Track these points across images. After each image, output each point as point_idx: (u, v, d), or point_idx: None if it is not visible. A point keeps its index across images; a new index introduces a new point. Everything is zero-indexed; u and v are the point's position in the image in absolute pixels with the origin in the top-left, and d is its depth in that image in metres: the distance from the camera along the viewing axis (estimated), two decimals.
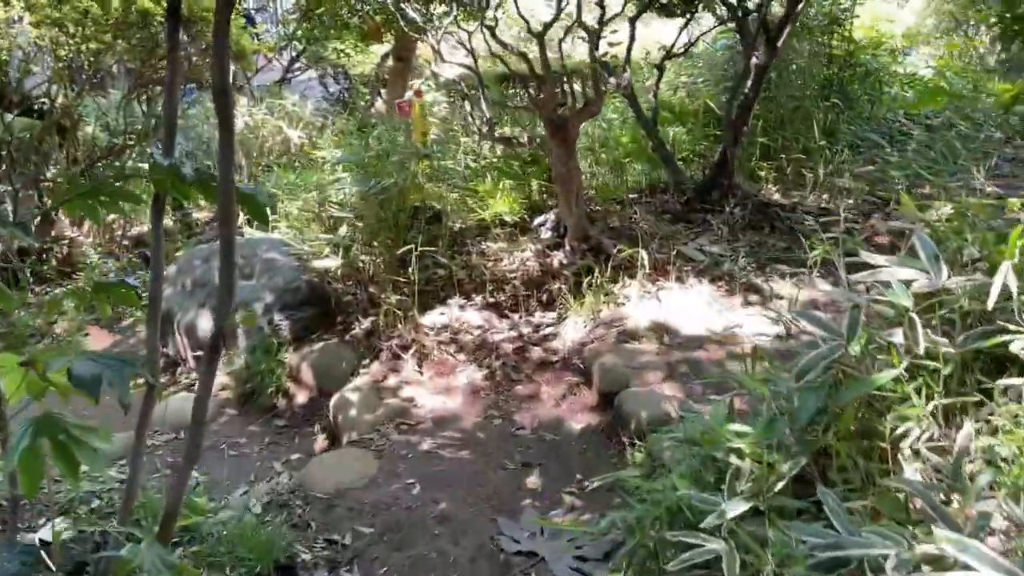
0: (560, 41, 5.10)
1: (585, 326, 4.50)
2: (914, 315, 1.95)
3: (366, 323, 4.72)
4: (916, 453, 1.88)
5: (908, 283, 2.02)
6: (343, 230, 4.65)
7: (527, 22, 4.70)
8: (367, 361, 4.50)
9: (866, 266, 2.23)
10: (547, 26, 4.60)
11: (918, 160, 5.72)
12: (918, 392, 1.95)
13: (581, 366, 4.19)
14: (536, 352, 4.45)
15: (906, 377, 1.97)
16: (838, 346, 1.97)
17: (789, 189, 5.85)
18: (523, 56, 4.74)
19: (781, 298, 4.52)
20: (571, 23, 5.30)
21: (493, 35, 4.66)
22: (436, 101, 11.15)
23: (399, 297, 4.73)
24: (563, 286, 4.80)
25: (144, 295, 1.50)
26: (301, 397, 4.49)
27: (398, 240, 4.95)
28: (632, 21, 5.67)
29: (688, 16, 6.42)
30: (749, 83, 5.32)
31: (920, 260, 2.06)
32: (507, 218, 5.13)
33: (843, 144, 6.52)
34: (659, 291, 4.66)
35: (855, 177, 6.02)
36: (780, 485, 1.88)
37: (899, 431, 1.91)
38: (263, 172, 8.84)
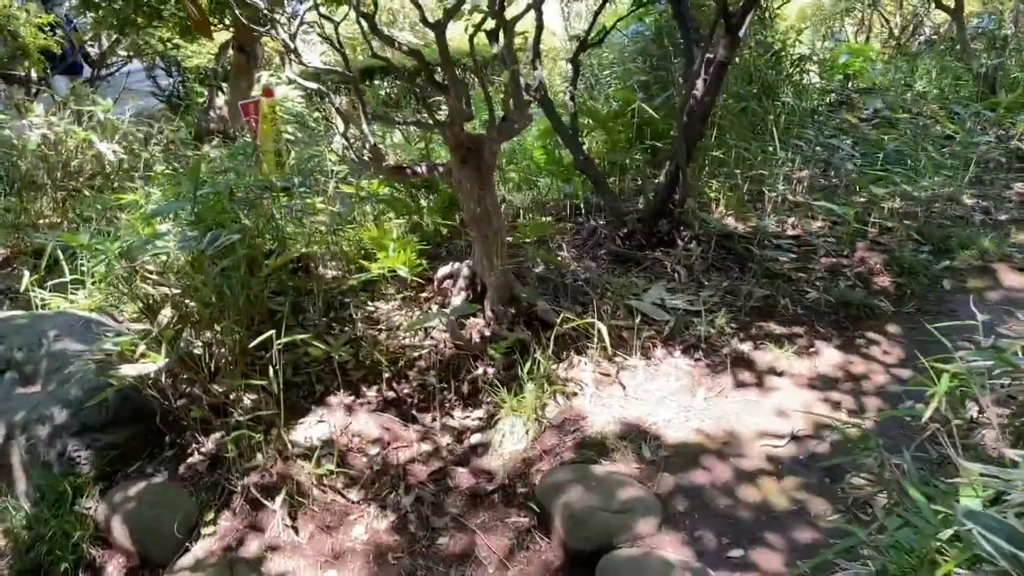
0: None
1: (527, 431, 3.32)
2: None
3: (209, 445, 3.35)
4: None
5: None
6: (166, 312, 3.24)
7: (420, 7, 3.44)
8: (213, 510, 3.13)
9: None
10: (450, 12, 3.36)
11: (895, 169, 4.91)
12: None
13: (530, 499, 3.02)
14: (462, 476, 3.23)
15: None
16: None
17: (745, 213, 4.89)
18: (416, 56, 3.49)
19: (780, 374, 3.52)
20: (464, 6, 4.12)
21: (373, 27, 3.37)
22: (288, 97, 9.63)
23: (257, 398, 3.40)
24: (488, 370, 3.60)
25: None
26: (115, 572, 3.09)
27: (251, 315, 3.59)
28: (537, 4, 4.52)
29: None
30: (700, 84, 4.29)
31: None
32: (403, 272, 3.86)
33: (795, 151, 5.67)
34: (620, 372, 3.55)
35: (819, 192, 5.17)
36: None
37: None
38: (70, 198, 7.12)
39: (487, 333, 3.75)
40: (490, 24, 4.81)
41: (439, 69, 3.62)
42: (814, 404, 3.32)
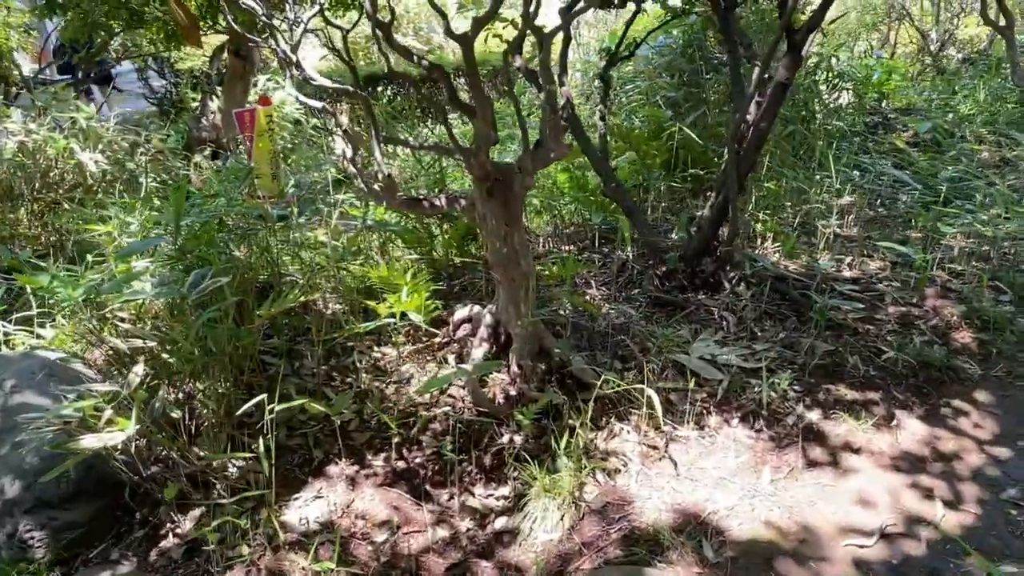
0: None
1: (563, 517, 2.84)
2: None
3: (186, 525, 2.87)
4: None
5: None
6: (138, 369, 2.75)
7: (445, 17, 2.97)
8: None
9: None
10: (481, 22, 2.89)
11: (957, 201, 4.44)
12: None
13: None
14: (486, 573, 2.75)
15: None
16: None
17: (797, 250, 4.42)
18: (438, 72, 3.01)
19: (858, 451, 3.05)
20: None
21: (389, 38, 2.90)
22: (285, 102, 9.15)
23: (244, 465, 2.93)
24: (515, 438, 3.13)
25: None
26: None
27: (238, 367, 3.12)
28: (567, 13, 4.07)
29: (637, 8, 4.95)
30: (754, 108, 3.83)
31: None
32: (415, 318, 3.38)
33: (842, 178, 5.21)
34: (670, 444, 3.07)
35: (876, 227, 4.71)
36: None
37: None
38: (48, 211, 6.63)
39: (513, 393, 3.28)
40: (499, 29, 4.38)
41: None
42: (901, 490, 2.85)
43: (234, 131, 7.42)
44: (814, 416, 3.20)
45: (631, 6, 4.99)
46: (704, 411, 3.22)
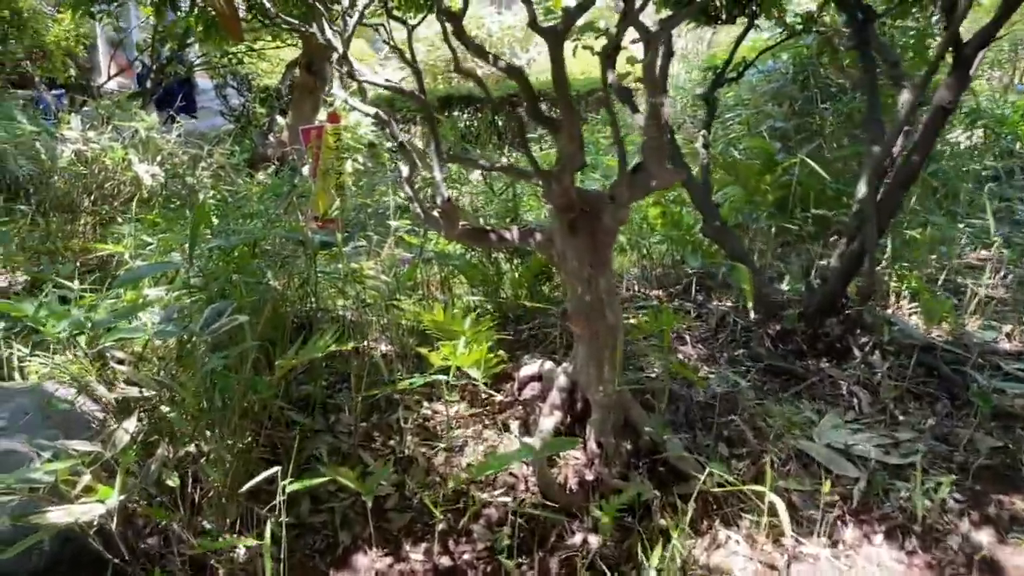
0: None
1: None
2: None
3: None
4: None
5: None
6: (129, 426, 2.23)
7: (531, 5, 2.42)
8: None
9: None
10: (575, 13, 2.32)
11: None
12: None
13: None
14: None
15: None
16: None
17: (947, 314, 3.66)
18: (517, 77, 2.46)
19: None
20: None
21: (461, 33, 2.36)
22: (359, 123, 8.75)
23: (255, 545, 2.37)
24: (591, 538, 2.48)
25: None
26: None
27: (256, 422, 2.58)
28: (667, 23, 3.46)
29: (748, 23, 4.34)
30: (902, 138, 3.14)
31: None
32: (475, 375, 2.80)
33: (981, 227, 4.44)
34: (792, 565, 2.38)
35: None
36: None
37: None
38: (100, 224, 6.35)
39: (590, 478, 2.65)
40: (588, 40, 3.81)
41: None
42: None
43: (298, 148, 7.08)
44: (983, 537, 2.46)
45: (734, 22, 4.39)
46: (837, 520, 2.51)
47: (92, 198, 6.40)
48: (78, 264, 5.69)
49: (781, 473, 2.66)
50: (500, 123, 10.15)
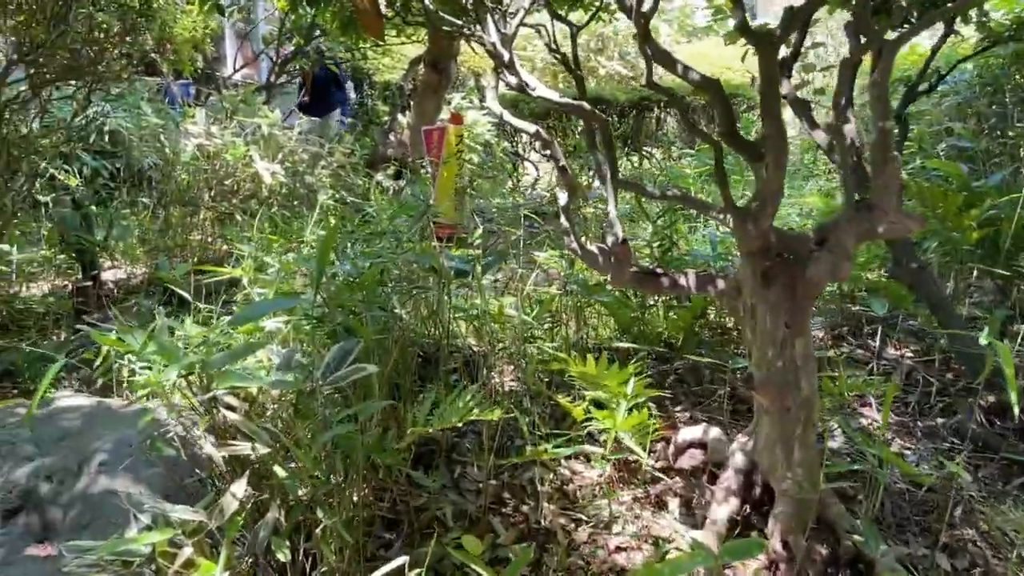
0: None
1: None
2: None
3: None
4: None
5: None
6: (237, 490, 1.91)
7: (750, 33, 1.95)
8: None
9: None
10: (788, 31, 1.84)
11: None
12: None
13: None
14: None
15: None
16: None
17: None
18: (712, 87, 2.00)
19: None
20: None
21: (648, 41, 1.93)
22: (477, 122, 8.43)
23: None
24: None
25: None
26: None
27: (378, 488, 2.23)
28: (901, 40, 2.91)
29: (948, 28, 3.75)
30: None
31: None
32: (630, 444, 2.36)
33: None
34: None
35: None
36: None
37: None
38: (218, 222, 6.26)
39: None
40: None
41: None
42: None
43: (420, 150, 6.83)
44: None
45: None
46: None
47: (212, 193, 6.31)
48: (197, 260, 5.60)
49: None
50: (627, 127, 9.65)
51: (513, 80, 2.04)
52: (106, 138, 5.89)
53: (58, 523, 2.48)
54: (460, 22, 2.25)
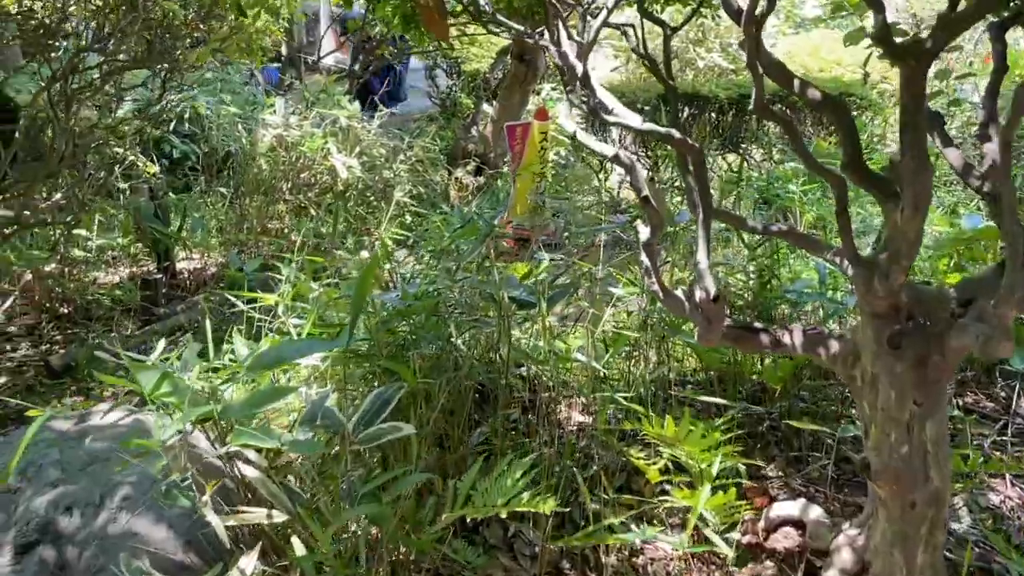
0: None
1: None
2: None
3: None
4: None
5: None
6: (246, 567, 1.64)
7: (891, 44, 1.55)
8: None
9: None
10: (942, 44, 1.43)
11: None
12: None
13: None
14: None
15: None
16: None
17: None
18: (841, 113, 1.60)
19: None
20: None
21: (758, 48, 1.55)
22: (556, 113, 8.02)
23: None
24: None
25: None
26: None
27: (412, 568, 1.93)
28: (999, 30, 2.40)
29: None
30: None
31: None
32: (712, 536, 1.99)
33: None
34: None
35: None
36: None
37: None
38: (292, 215, 6.11)
39: None
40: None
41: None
42: None
43: (502, 146, 6.52)
44: None
45: None
46: None
47: (289, 185, 6.17)
48: (268, 255, 5.46)
49: None
50: (721, 125, 9.07)
51: (586, 99, 1.68)
52: (186, 126, 5.82)
53: (73, 562, 2.29)
54: (521, 28, 1.90)
